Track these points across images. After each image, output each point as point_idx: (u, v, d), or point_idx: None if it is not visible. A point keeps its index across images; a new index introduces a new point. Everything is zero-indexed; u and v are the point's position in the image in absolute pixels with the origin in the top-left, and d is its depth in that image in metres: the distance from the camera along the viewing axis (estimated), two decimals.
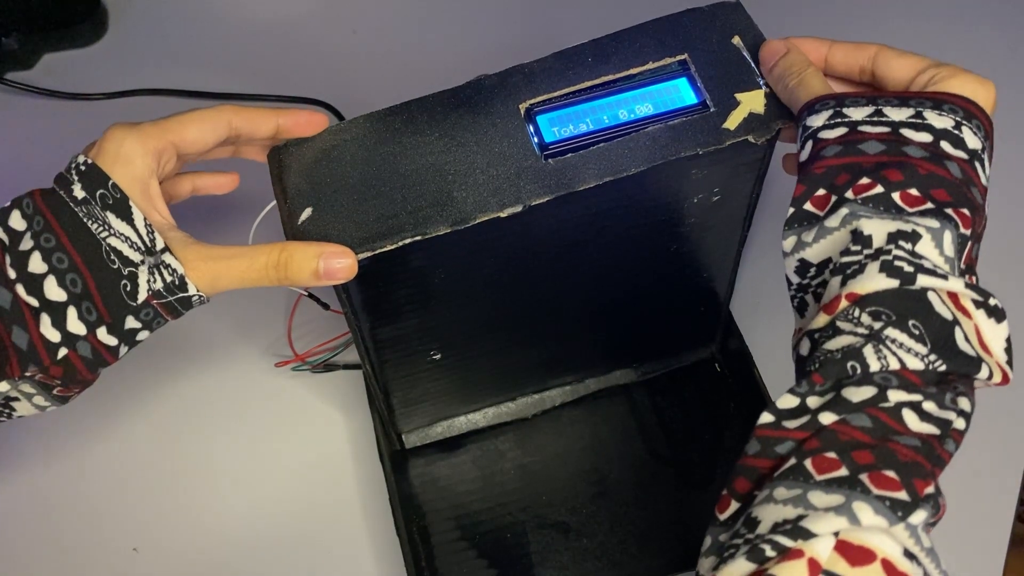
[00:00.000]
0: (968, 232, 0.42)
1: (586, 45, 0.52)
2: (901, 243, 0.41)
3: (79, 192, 0.46)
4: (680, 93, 0.51)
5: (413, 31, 0.91)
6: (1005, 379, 0.42)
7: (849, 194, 0.43)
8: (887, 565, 0.36)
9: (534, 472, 0.67)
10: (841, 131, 0.45)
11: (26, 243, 0.45)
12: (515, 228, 0.50)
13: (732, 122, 0.49)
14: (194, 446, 0.69)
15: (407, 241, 0.47)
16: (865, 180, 0.43)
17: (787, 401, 0.41)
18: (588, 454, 0.67)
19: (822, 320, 0.43)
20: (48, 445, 0.69)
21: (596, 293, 0.61)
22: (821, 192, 0.44)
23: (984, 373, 0.40)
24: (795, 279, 0.46)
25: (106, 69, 0.89)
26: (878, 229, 0.41)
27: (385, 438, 0.66)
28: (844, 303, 0.41)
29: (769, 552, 0.36)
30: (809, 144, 0.45)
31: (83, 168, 0.46)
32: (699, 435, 0.68)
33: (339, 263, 0.46)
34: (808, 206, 0.44)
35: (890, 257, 0.41)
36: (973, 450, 0.67)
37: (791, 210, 0.45)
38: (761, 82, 0.50)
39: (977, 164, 0.44)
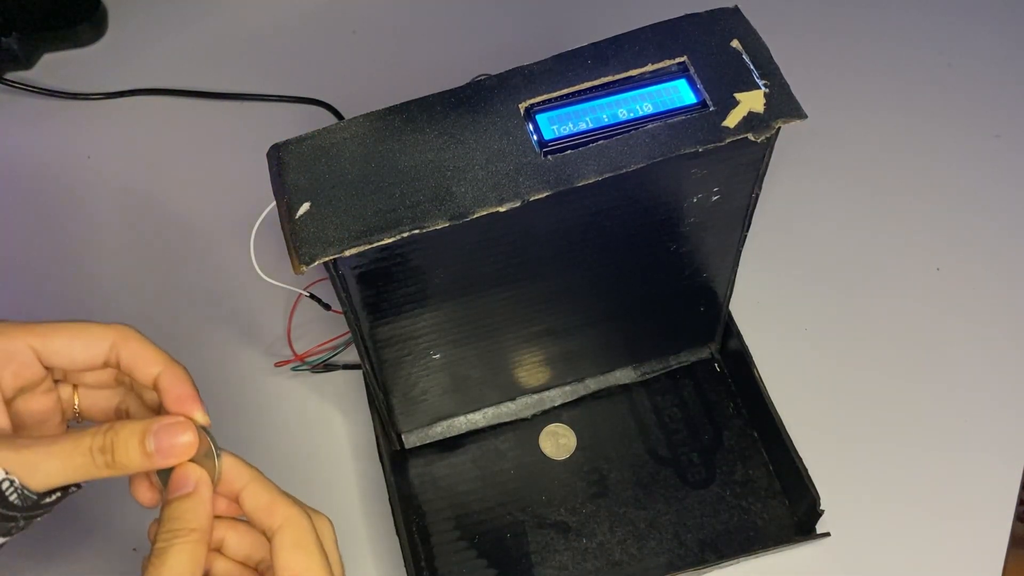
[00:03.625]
0: None
1: (586, 48, 0.52)
2: None
3: None
4: (680, 93, 0.51)
5: (413, 31, 0.91)
6: None
7: None
8: None
9: (534, 472, 0.67)
10: None
11: None
12: (514, 225, 0.50)
13: (732, 120, 0.49)
14: None
15: (405, 235, 0.47)
16: None
17: None
18: (588, 454, 0.67)
19: None
20: None
21: (596, 293, 0.62)
22: None
23: None
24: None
25: (106, 69, 0.89)
26: None
27: (385, 438, 0.66)
28: None
29: None
30: None
31: None
32: (699, 435, 0.68)
33: (175, 440, 0.40)
34: None
35: None
36: (973, 450, 0.67)
37: None
38: (761, 83, 0.50)
39: None
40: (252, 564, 0.44)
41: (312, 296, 0.65)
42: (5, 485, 0.38)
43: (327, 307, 0.66)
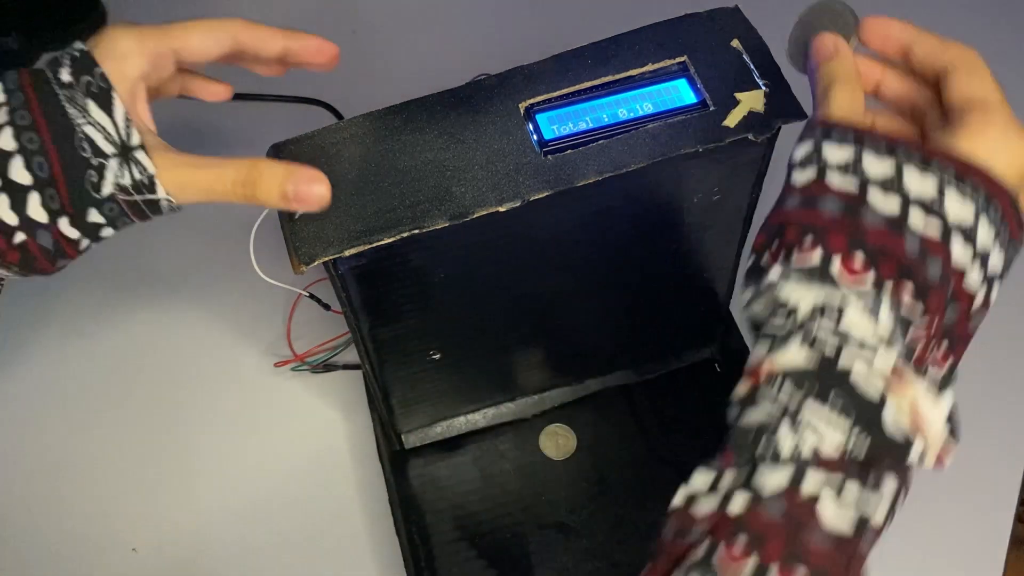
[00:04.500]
0: (912, 314, 0.38)
1: (586, 48, 0.52)
2: (826, 317, 0.38)
3: (66, 76, 0.44)
4: (680, 93, 0.51)
5: (413, 31, 0.91)
6: (939, 463, 0.39)
7: (794, 254, 0.40)
8: None
9: (534, 472, 0.67)
10: (812, 173, 0.41)
11: (0, 116, 0.44)
12: (514, 225, 0.50)
13: (732, 120, 0.49)
14: (194, 446, 0.69)
15: (405, 235, 0.47)
16: (808, 240, 0.39)
17: (699, 480, 0.39)
18: (588, 454, 0.67)
19: (744, 388, 0.40)
20: (47, 445, 0.69)
21: (596, 293, 0.61)
22: (775, 245, 0.41)
23: (915, 454, 0.38)
24: (750, 337, 0.43)
25: None
26: (804, 299, 0.39)
27: (385, 438, 0.66)
28: (765, 374, 0.39)
29: None
30: (812, 170, 0.41)
31: (76, 55, 0.45)
32: (699, 435, 0.68)
33: (311, 189, 0.45)
34: (765, 259, 0.42)
35: (812, 332, 0.38)
36: (973, 450, 0.67)
37: (751, 258, 0.42)
38: (761, 83, 0.50)
39: (955, 241, 0.39)
40: (906, 106, 0.46)
41: (312, 296, 0.65)
42: (163, 204, 0.46)
43: (327, 307, 0.66)
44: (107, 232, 0.46)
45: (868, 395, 0.37)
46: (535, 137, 0.49)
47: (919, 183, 0.39)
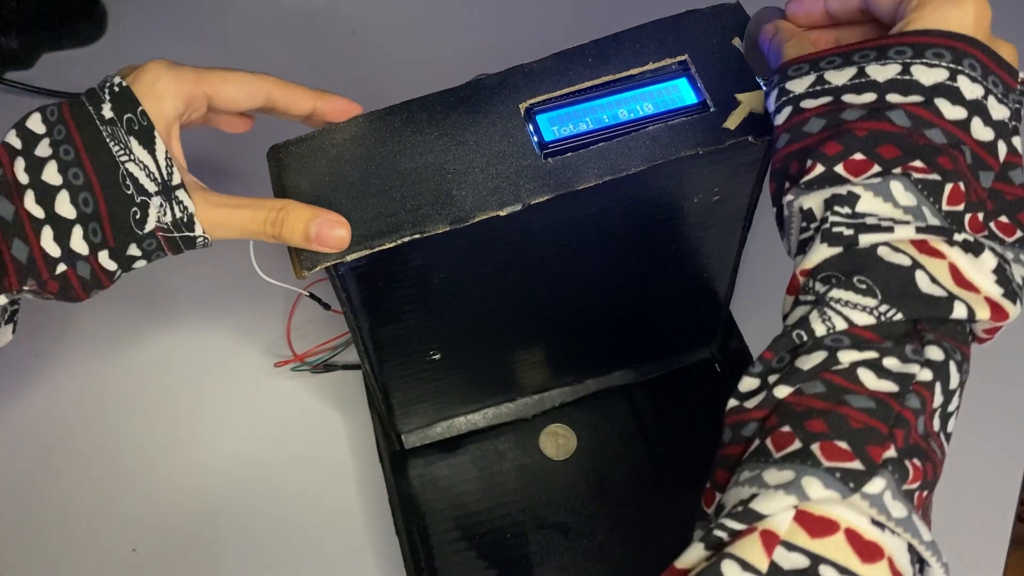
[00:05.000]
0: (931, 176, 0.39)
1: (586, 46, 0.52)
2: (836, 208, 0.40)
3: (107, 112, 0.45)
4: (680, 93, 0.51)
5: (413, 31, 0.91)
6: (998, 313, 0.39)
7: (802, 180, 0.42)
8: (852, 535, 0.35)
9: (534, 472, 0.67)
10: (788, 111, 0.43)
11: (43, 149, 0.45)
12: (515, 227, 0.50)
13: (732, 122, 0.49)
14: (193, 446, 0.69)
15: (406, 239, 0.47)
16: (808, 163, 0.41)
17: (747, 383, 0.41)
18: (588, 454, 0.67)
19: (788, 303, 0.42)
20: (48, 445, 0.69)
21: (596, 293, 0.61)
22: (787, 185, 0.43)
23: (960, 312, 0.38)
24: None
25: (105, 68, 0.87)
26: (815, 201, 0.41)
27: (385, 438, 0.66)
28: (800, 280, 0.41)
29: (719, 534, 0.36)
30: (787, 109, 0.44)
31: (116, 89, 0.46)
32: (699, 435, 0.68)
33: (332, 232, 0.47)
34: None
35: (828, 225, 0.40)
36: (973, 450, 0.67)
37: (775, 210, 0.44)
38: (762, 83, 0.50)
39: (942, 103, 0.40)
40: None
41: (312, 296, 0.65)
42: (199, 241, 0.48)
43: (327, 307, 0.66)
44: (140, 264, 0.48)
45: (897, 262, 0.39)
46: (535, 139, 0.49)
47: (884, 72, 0.41)
